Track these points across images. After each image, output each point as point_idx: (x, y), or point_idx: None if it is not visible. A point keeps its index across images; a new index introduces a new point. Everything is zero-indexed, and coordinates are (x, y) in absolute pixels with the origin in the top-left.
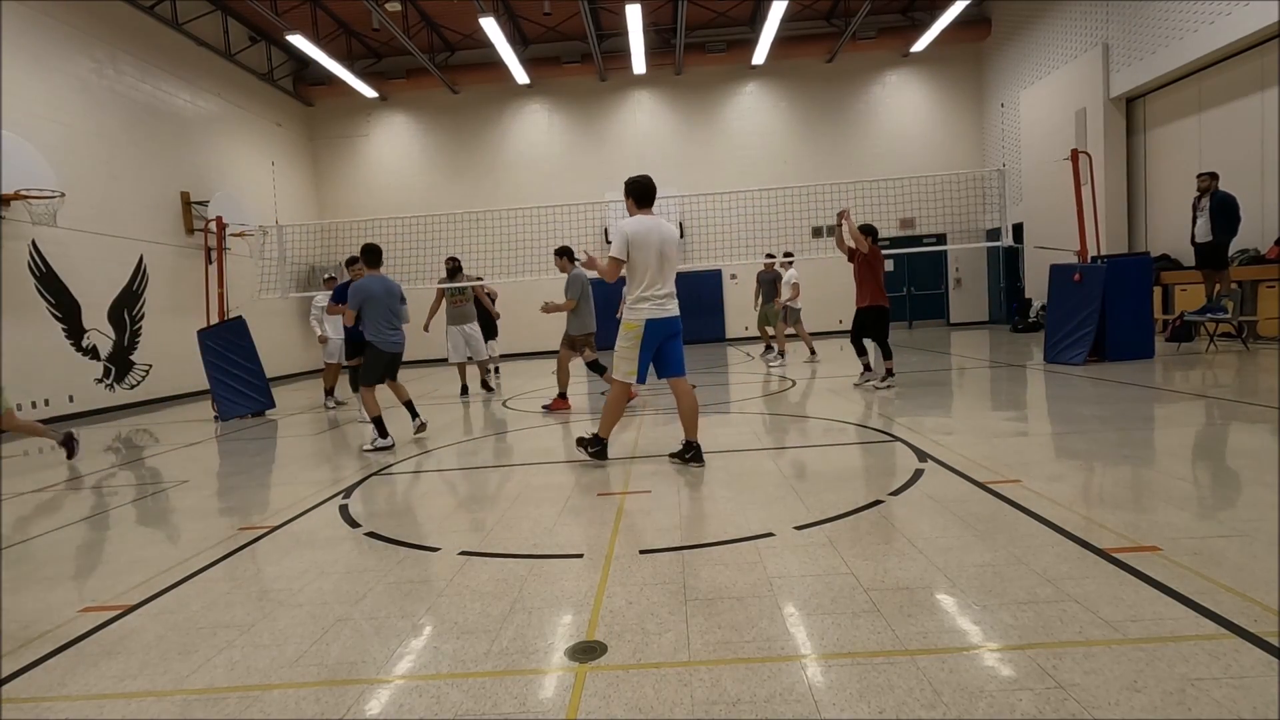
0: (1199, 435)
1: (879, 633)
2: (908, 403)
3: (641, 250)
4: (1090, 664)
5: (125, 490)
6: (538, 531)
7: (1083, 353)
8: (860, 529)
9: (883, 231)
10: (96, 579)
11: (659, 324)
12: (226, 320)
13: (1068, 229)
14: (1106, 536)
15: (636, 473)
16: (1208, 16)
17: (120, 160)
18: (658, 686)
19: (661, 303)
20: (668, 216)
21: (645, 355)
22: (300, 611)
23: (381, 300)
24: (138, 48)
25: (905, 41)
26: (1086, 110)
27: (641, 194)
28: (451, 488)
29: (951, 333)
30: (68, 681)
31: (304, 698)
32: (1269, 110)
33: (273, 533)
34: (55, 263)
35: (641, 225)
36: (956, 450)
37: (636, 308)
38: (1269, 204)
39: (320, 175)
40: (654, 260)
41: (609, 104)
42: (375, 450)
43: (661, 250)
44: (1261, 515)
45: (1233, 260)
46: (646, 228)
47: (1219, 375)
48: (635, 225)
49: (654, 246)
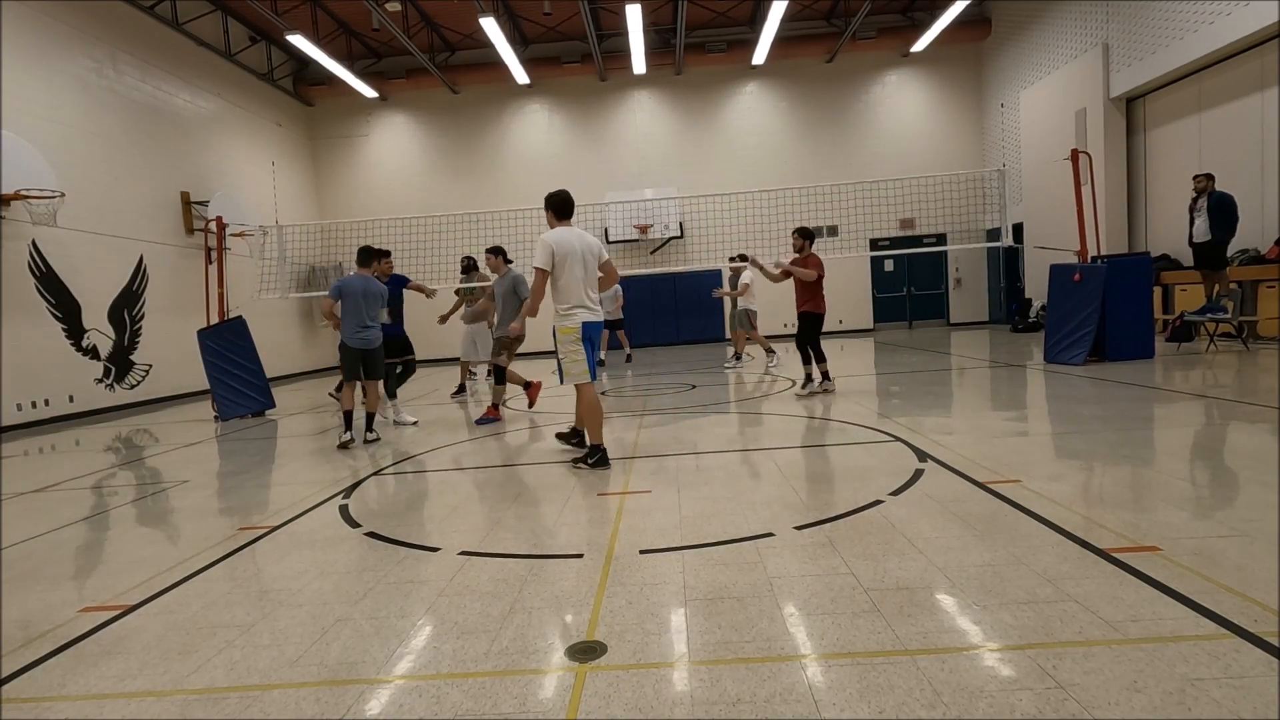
0: (1199, 435)
1: (879, 633)
2: (908, 403)
3: (566, 258)
4: (1090, 664)
5: (125, 490)
6: (538, 531)
7: (1083, 353)
8: (860, 529)
9: (883, 231)
10: (96, 579)
11: (592, 326)
12: (226, 320)
13: (1068, 229)
14: (1106, 536)
15: (636, 473)
16: (1208, 16)
17: (120, 160)
18: (658, 686)
19: (592, 309)
20: (668, 216)
21: (588, 354)
22: (300, 611)
23: (358, 298)
24: (138, 48)
25: (905, 41)
26: (1086, 110)
27: (560, 207)
28: (451, 488)
29: (951, 333)
30: (68, 681)
31: (304, 698)
32: (1269, 110)
33: (273, 533)
34: (55, 263)
35: (563, 235)
36: (956, 450)
37: (571, 313)
38: (1269, 204)
39: (320, 175)
40: (579, 268)
41: (609, 104)
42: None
43: (584, 258)
44: (1261, 515)
45: (1232, 260)
46: (568, 237)
47: (1219, 375)
48: (557, 235)
49: (577, 255)
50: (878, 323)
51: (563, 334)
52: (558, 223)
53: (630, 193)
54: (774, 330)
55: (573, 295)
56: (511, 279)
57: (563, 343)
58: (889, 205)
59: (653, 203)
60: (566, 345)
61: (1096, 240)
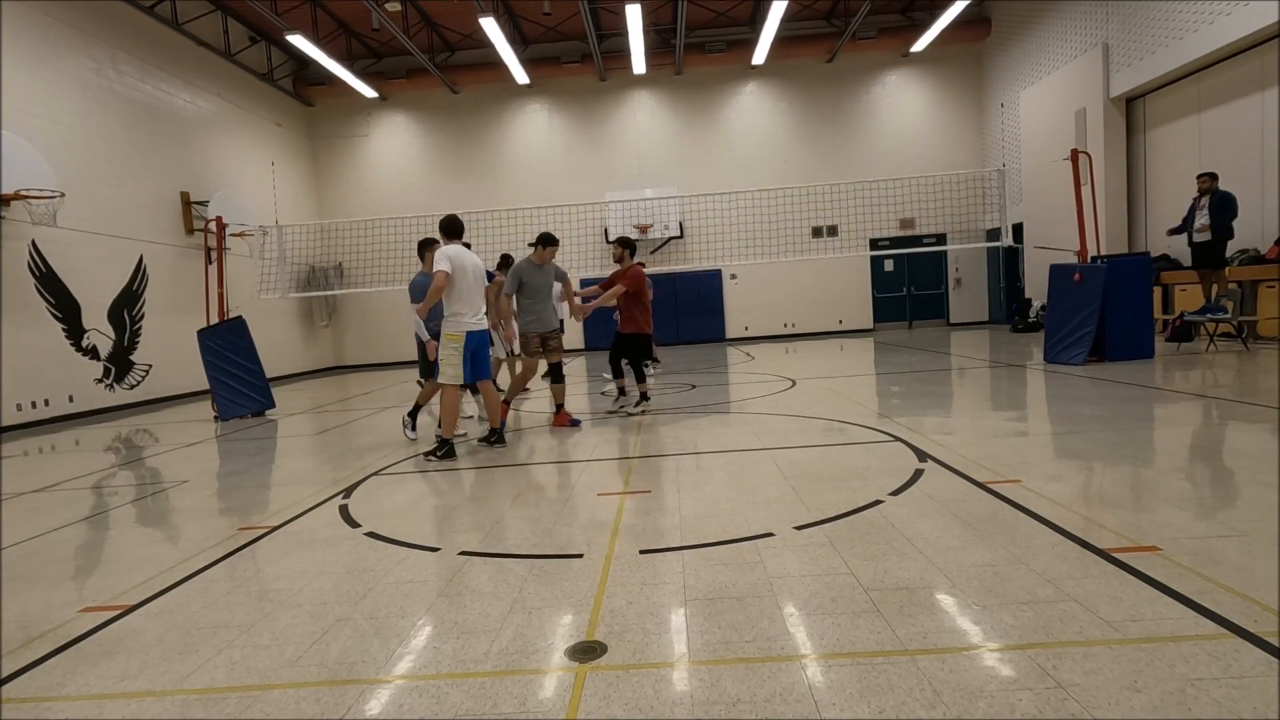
0: (1199, 435)
1: (879, 633)
2: (908, 403)
3: (459, 272)
4: (1090, 664)
5: (125, 490)
6: (538, 531)
7: (1082, 353)
8: (860, 529)
9: (882, 231)
10: (96, 579)
11: (474, 335)
12: (226, 320)
13: (1068, 229)
14: (1106, 536)
15: (636, 473)
16: (1208, 16)
17: (120, 160)
18: (658, 686)
19: (475, 320)
20: (668, 216)
21: (464, 360)
22: (300, 611)
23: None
24: (138, 48)
25: (905, 41)
26: (1086, 110)
27: (450, 228)
28: (451, 488)
29: (951, 333)
30: (68, 681)
31: (304, 698)
32: (1269, 110)
33: (273, 533)
34: (55, 263)
35: (458, 251)
36: (956, 450)
37: (458, 321)
38: (1269, 204)
39: (320, 175)
40: (471, 280)
41: (609, 104)
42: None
43: (473, 273)
44: (1261, 515)
45: (1231, 260)
46: (461, 252)
47: (1219, 375)
48: (454, 250)
49: (468, 269)
50: (878, 323)
51: (448, 339)
52: (448, 241)
53: (630, 193)
54: (774, 330)
55: (464, 304)
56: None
57: (445, 345)
58: (889, 205)
59: (653, 202)
60: (448, 348)
61: (1096, 240)
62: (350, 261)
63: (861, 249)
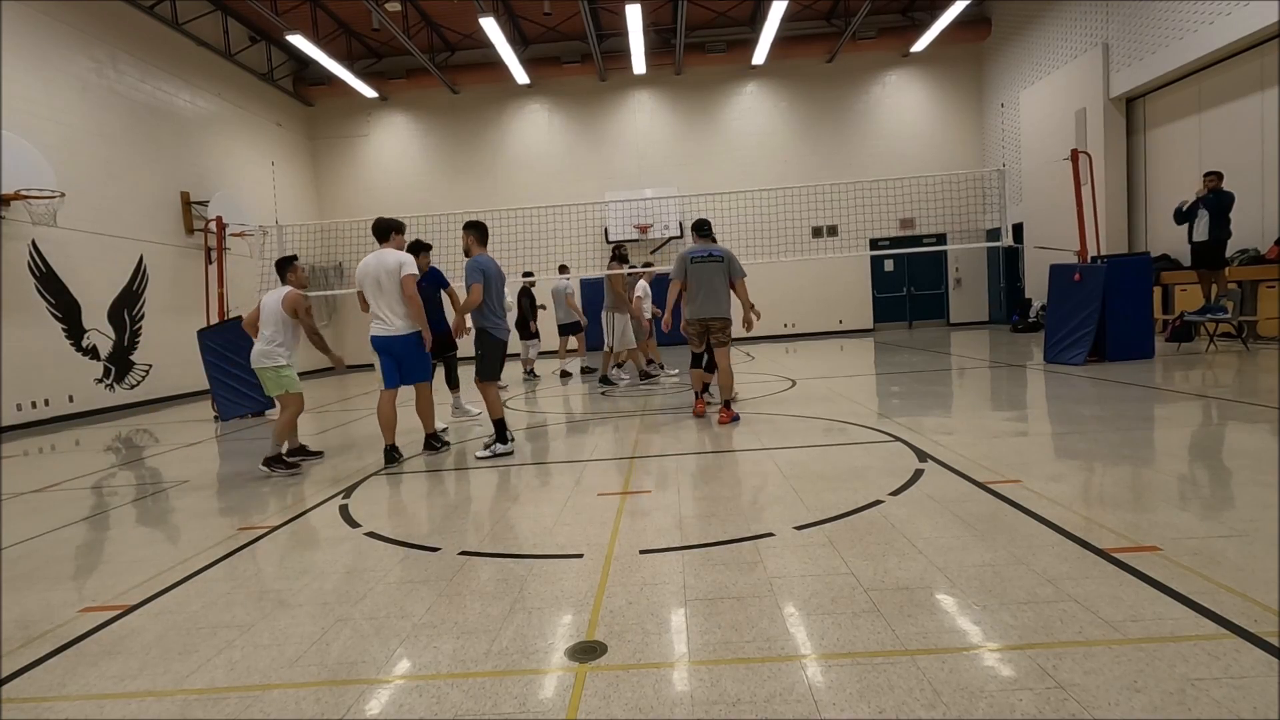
0: (1199, 435)
1: (879, 633)
2: (908, 403)
3: (360, 281)
4: (1090, 664)
5: (125, 490)
6: (538, 531)
7: (1083, 353)
8: (860, 529)
9: (883, 231)
10: (96, 579)
11: (378, 339)
12: (226, 320)
13: (1068, 229)
14: (1106, 536)
15: (636, 473)
16: (1208, 16)
17: (120, 160)
18: (658, 686)
19: (381, 323)
20: (668, 216)
21: (383, 362)
22: (300, 611)
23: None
24: (138, 48)
25: (905, 41)
26: (1086, 110)
27: (376, 232)
28: (451, 488)
29: (951, 333)
30: (68, 681)
31: (304, 698)
32: (1269, 110)
33: (273, 533)
34: (55, 263)
35: (364, 261)
36: (956, 450)
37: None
38: (1269, 204)
39: (320, 175)
40: (370, 287)
41: (609, 104)
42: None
43: (377, 278)
44: (1261, 515)
45: (1231, 260)
46: (366, 262)
47: (1219, 375)
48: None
49: (370, 276)
50: (878, 323)
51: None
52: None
53: (630, 192)
54: (774, 330)
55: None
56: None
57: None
58: (889, 205)
59: (653, 202)
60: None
61: (1096, 240)
62: (350, 261)
63: (861, 249)
